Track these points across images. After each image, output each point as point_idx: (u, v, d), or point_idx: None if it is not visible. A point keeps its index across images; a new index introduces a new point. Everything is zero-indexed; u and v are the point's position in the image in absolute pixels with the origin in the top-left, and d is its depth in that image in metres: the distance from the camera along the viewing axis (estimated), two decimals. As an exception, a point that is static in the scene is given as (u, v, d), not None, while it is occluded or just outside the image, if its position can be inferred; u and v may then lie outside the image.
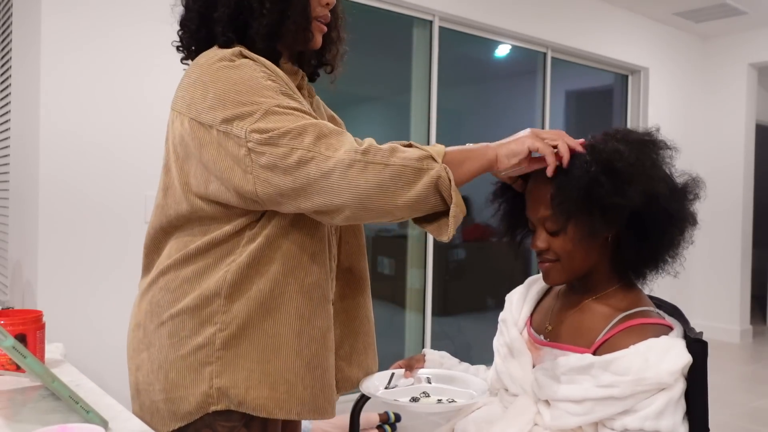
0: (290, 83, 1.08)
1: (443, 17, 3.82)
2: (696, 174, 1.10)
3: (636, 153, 1.04)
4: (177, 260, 1.07)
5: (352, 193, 0.94)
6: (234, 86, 0.99)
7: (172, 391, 1.05)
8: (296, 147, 0.95)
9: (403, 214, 0.98)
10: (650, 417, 0.95)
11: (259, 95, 0.99)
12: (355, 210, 0.96)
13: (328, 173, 0.94)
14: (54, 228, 2.48)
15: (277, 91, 1.00)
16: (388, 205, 0.95)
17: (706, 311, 5.56)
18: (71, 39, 2.49)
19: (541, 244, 1.10)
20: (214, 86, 1.00)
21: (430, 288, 3.89)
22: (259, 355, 1.05)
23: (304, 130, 0.95)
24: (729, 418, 3.48)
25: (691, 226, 1.08)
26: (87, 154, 2.54)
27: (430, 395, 1.24)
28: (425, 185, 0.95)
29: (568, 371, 1.02)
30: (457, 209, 0.97)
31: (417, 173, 0.95)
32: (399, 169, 0.94)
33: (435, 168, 0.96)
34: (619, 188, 1.00)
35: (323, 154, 0.94)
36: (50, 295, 2.48)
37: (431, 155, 0.97)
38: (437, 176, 0.95)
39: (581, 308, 1.13)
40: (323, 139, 0.96)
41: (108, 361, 2.60)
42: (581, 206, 1.03)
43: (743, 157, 5.36)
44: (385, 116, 3.99)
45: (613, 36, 4.81)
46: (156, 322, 1.08)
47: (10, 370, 1.20)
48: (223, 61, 1.02)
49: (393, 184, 0.94)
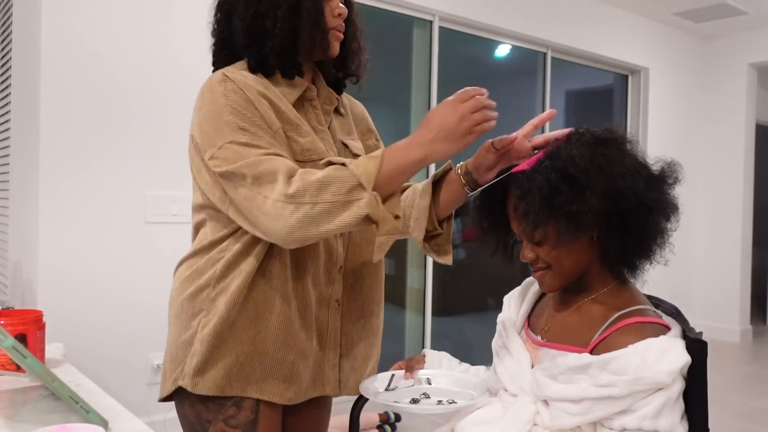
0: (269, 96, 1.16)
1: (443, 17, 3.82)
2: (670, 158, 1.10)
3: (590, 155, 1.03)
4: (194, 250, 1.22)
5: (290, 228, 1.04)
6: (206, 117, 1.13)
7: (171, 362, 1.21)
8: (239, 185, 1.07)
9: (348, 231, 1.11)
10: (648, 417, 0.95)
11: (219, 131, 1.10)
12: (298, 241, 1.06)
13: (266, 212, 1.04)
14: (54, 228, 2.48)
15: (234, 127, 1.10)
16: (323, 233, 1.05)
17: (706, 311, 5.56)
18: (71, 37, 2.49)
19: (528, 254, 1.11)
20: (198, 112, 1.15)
21: (430, 288, 3.89)
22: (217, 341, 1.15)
23: (242, 171, 1.06)
24: (729, 418, 3.48)
25: (673, 212, 1.07)
26: (87, 154, 2.54)
27: (430, 396, 1.24)
28: (354, 217, 1.04)
29: (566, 371, 1.02)
30: (385, 238, 1.10)
31: (345, 206, 1.04)
32: (328, 207, 1.04)
33: (363, 198, 1.04)
34: (578, 194, 1.01)
35: (262, 195, 1.05)
36: (50, 295, 2.48)
37: (360, 183, 1.04)
38: (366, 210, 1.04)
39: (577, 309, 1.13)
40: (260, 179, 1.05)
41: (108, 361, 2.60)
42: (546, 215, 1.03)
43: (743, 157, 5.36)
44: (385, 116, 4.00)
45: (613, 36, 4.81)
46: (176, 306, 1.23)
47: (10, 370, 1.20)
48: (208, 88, 1.15)
49: (324, 219, 1.04)
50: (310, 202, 1.03)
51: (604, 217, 1.04)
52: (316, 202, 1.03)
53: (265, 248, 1.15)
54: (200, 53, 1.28)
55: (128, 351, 2.66)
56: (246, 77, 1.16)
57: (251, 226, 1.09)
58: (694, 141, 5.57)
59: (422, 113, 3.88)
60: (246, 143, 1.09)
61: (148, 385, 2.72)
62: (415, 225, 1.17)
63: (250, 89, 1.14)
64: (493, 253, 1.22)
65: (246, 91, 1.13)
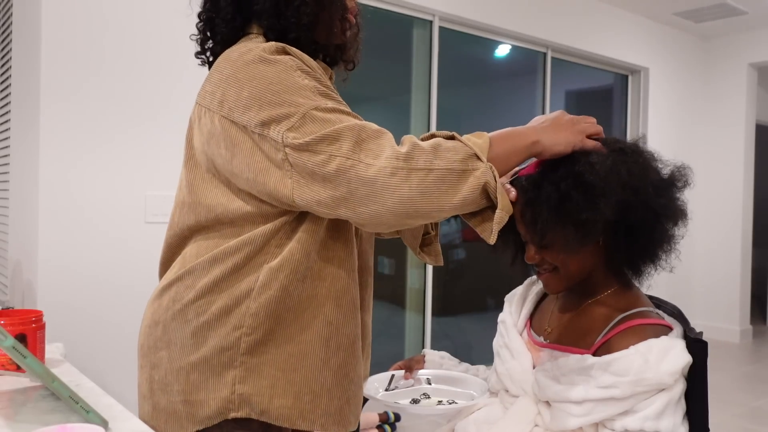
0: (326, 79, 1.02)
1: (443, 17, 3.82)
2: (681, 162, 1.09)
3: (611, 163, 1.02)
4: (206, 260, 1.02)
5: (395, 202, 0.88)
6: (270, 86, 0.94)
7: (193, 393, 1.01)
8: (334, 154, 0.89)
9: (450, 215, 0.94)
10: (650, 417, 0.95)
11: (297, 96, 0.93)
12: (399, 218, 0.91)
13: (369, 182, 0.88)
14: (54, 228, 2.48)
15: (315, 91, 0.95)
16: (433, 210, 0.91)
17: (706, 311, 5.56)
18: (72, 37, 2.49)
19: (534, 256, 1.10)
20: (249, 84, 0.95)
21: (430, 288, 3.89)
22: (284, 362, 1.00)
23: (341, 135, 0.90)
24: (729, 418, 3.48)
25: (681, 218, 1.06)
26: (87, 154, 2.54)
27: (430, 396, 1.24)
28: (471, 188, 0.91)
29: (568, 372, 1.02)
30: (503, 213, 0.94)
31: (462, 176, 0.90)
32: (443, 174, 0.89)
33: (480, 168, 0.91)
34: (591, 202, 0.99)
35: (363, 162, 0.89)
36: (50, 295, 2.48)
37: (476, 153, 0.92)
38: (483, 179, 0.91)
39: (581, 310, 1.13)
40: (362, 144, 0.90)
41: (108, 361, 2.60)
42: (554, 223, 1.02)
43: (743, 157, 5.36)
44: (385, 116, 3.99)
45: (613, 36, 4.81)
46: (179, 320, 1.03)
47: (10, 370, 1.20)
48: (259, 56, 0.96)
49: (437, 189, 0.89)
50: (424, 167, 0.88)
51: (611, 222, 1.03)
52: (432, 168, 0.88)
53: (312, 248, 1.01)
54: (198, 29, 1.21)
55: (128, 351, 2.66)
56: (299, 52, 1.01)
57: (333, 207, 0.92)
58: (694, 141, 5.57)
59: (422, 113, 3.88)
60: (334, 109, 0.94)
61: (148, 385, 2.71)
62: (409, 231, 1.15)
63: (307, 59, 1.00)
64: (494, 252, 1.21)
65: (312, 65, 0.99)
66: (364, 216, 0.91)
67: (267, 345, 1.00)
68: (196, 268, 1.03)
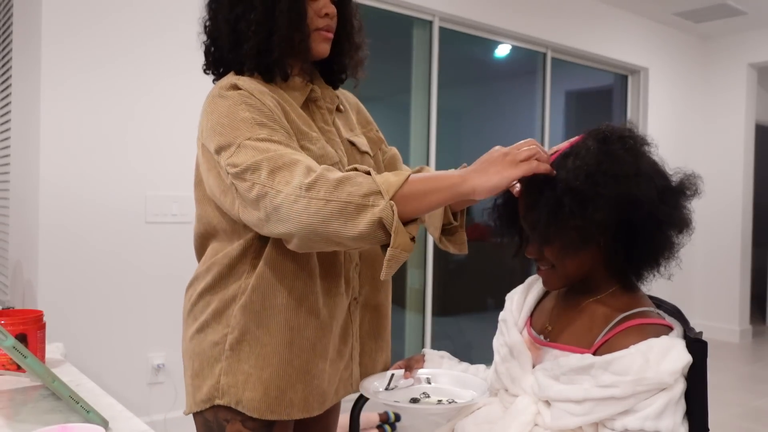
0: (283, 104, 1.15)
1: (443, 17, 3.82)
2: (691, 170, 1.07)
3: (595, 159, 1.01)
4: (205, 268, 1.20)
5: (299, 227, 0.98)
6: (221, 118, 1.09)
7: (196, 378, 1.19)
8: (256, 182, 1.02)
9: (355, 245, 1.01)
10: (650, 417, 0.95)
11: (236, 128, 1.07)
12: (308, 241, 1.01)
13: (278, 207, 0.99)
14: (54, 228, 2.48)
15: (252, 122, 1.07)
16: (334, 238, 0.99)
17: (706, 311, 5.56)
18: (72, 39, 2.49)
19: (534, 252, 1.11)
20: (210, 116, 1.11)
21: (430, 288, 3.90)
22: (255, 361, 1.15)
23: (260, 165, 1.02)
24: (729, 417, 3.48)
25: (685, 228, 1.05)
26: (87, 154, 2.54)
27: (430, 396, 1.24)
28: (367, 222, 0.96)
29: (568, 371, 1.02)
30: (396, 251, 0.97)
31: (359, 209, 0.97)
32: (342, 205, 0.97)
33: (379, 205, 0.96)
34: (580, 209, 0.99)
35: (274, 189, 1.00)
36: (50, 295, 2.48)
37: (379, 191, 0.97)
38: (380, 215, 0.96)
39: (581, 309, 1.13)
40: (276, 173, 1.01)
41: (108, 361, 2.61)
42: (552, 228, 1.03)
43: (743, 157, 5.36)
44: (386, 116, 4.00)
45: (613, 36, 4.81)
46: (191, 317, 1.22)
47: (10, 370, 1.20)
48: (218, 92, 1.13)
49: (336, 220, 0.97)
50: (323, 198, 0.97)
51: (612, 224, 1.03)
52: (330, 200, 0.97)
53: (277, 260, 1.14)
54: (201, 52, 1.27)
55: (128, 351, 2.66)
56: (253, 83, 1.14)
57: (261, 228, 1.05)
58: (694, 141, 5.57)
59: (422, 113, 3.88)
60: (265, 138, 1.05)
61: (148, 385, 2.72)
62: (429, 221, 1.22)
63: (264, 95, 1.12)
64: (502, 236, 1.22)
65: (258, 96, 1.11)
66: (282, 236, 1.03)
67: (242, 345, 1.15)
68: (200, 274, 1.22)
